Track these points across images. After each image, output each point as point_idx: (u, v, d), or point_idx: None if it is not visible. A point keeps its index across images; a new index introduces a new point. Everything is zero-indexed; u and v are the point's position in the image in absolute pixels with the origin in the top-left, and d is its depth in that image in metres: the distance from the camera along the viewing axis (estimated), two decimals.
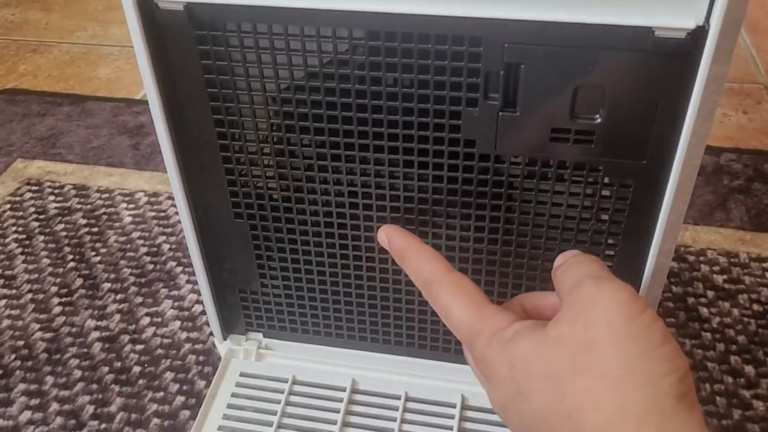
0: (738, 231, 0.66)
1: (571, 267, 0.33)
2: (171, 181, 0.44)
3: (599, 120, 0.36)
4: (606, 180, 0.39)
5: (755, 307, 0.58)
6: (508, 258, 0.44)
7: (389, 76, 0.37)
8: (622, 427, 0.25)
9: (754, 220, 0.67)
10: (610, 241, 0.42)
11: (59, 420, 0.52)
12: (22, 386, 0.54)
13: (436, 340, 0.49)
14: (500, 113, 0.37)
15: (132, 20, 0.38)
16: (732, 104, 0.84)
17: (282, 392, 0.50)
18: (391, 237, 0.37)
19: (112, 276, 0.64)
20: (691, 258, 0.63)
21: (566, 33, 0.33)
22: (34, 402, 0.53)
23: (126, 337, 0.58)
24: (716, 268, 0.62)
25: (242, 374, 0.51)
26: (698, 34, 0.32)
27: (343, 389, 0.50)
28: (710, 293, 0.60)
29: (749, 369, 0.53)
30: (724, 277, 0.61)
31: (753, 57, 0.93)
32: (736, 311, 0.58)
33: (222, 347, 0.53)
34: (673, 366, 0.27)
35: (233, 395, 0.50)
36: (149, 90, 0.40)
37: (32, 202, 0.73)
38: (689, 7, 0.32)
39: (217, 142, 0.42)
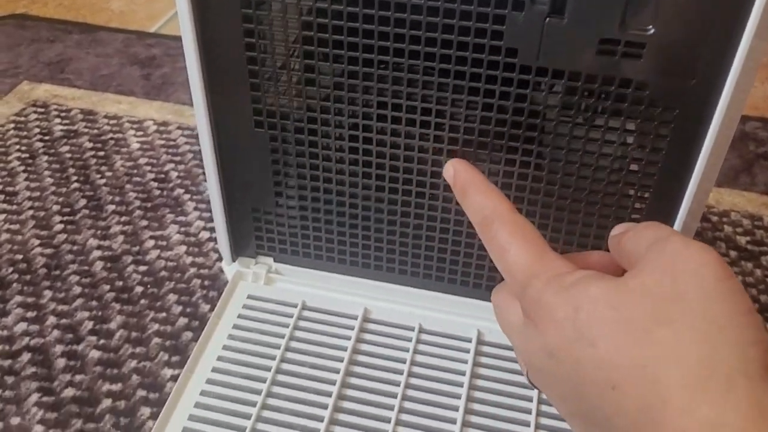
0: (762, 195, 0.64)
1: (647, 228, 0.31)
2: (191, 83, 0.42)
3: (652, 31, 0.34)
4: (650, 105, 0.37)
5: None
6: (539, 184, 0.42)
7: None
8: (709, 386, 0.23)
9: None
10: (649, 170, 0.40)
11: (56, 333, 0.50)
12: (18, 298, 0.53)
13: (454, 272, 0.47)
14: (547, 19, 0.35)
15: None
16: (759, 77, 0.82)
17: (291, 317, 0.48)
18: (458, 170, 0.35)
19: (117, 199, 0.62)
20: (714, 218, 0.61)
21: None
22: (30, 314, 0.51)
23: (129, 258, 0.56)
24: (739, 230, 0.60)
25: (250, 297, 0.49)
26: None
27: (355, 317, 0.48)
28: (733, 253, 0.58)
29: None
30: (747, 238, 0.60)
31: None
32: (758, 272, 0.56)
33: (230, 269, 0.51)
34: (760, 336, 0.25)
35: (240, 316, 0.48)
36: None
37: (37, 123, 0.71)
38: None
39: (244, 44, 0.40)
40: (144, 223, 0.59)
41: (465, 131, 0.41)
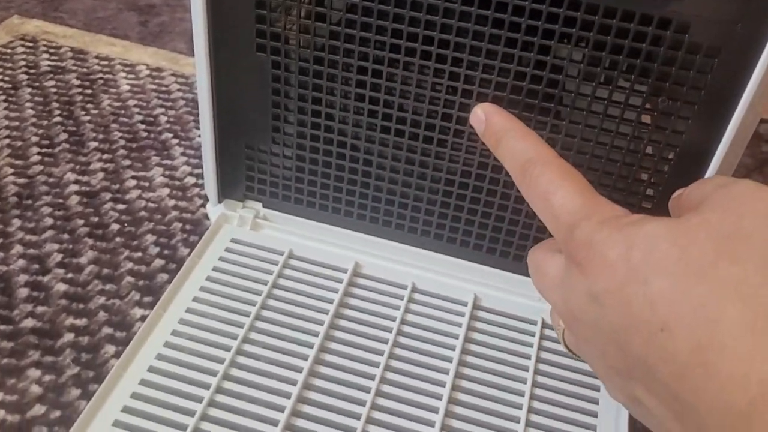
0: None
1: (714, 178, 0.28)
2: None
3: None
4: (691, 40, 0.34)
5: None
6: (561, 121, 0.39)
7: None
8: None
9: None
10: (678, 128, 0.37)
11: (21, 262, 0.46)
12: None
13: (455, 231, 0.44)
14: None
15: None
16: None
17: (276, 264, 0.44)
18: (489, 114, 0.32)
19: (101, 137, 0.58)
20: None
21: None
22: None
23: (107, 195, 0.52)
24: None
25: (233, 240, 0.46)
26: None
27: (345, 270, 0.45)
28: None
29: None
30: None
31: None
32: None
33: (214, 211, 0.48)
34: None
35: (221, 259, 0.44)
36: None
37: (24, 56, 0.67)
38: None
39: None
40: (127, 162, 0.56)
41: (481, 83, 0.38)
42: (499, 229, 0.43)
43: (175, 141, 0.59)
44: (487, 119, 0.32)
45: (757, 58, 0.33)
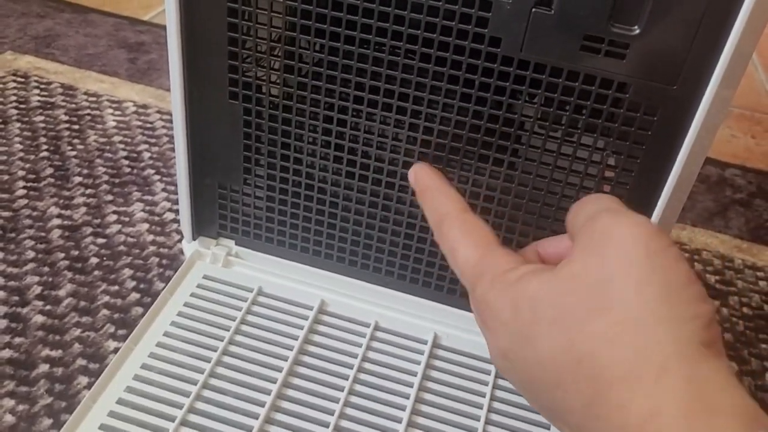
0: (735, 239, 0.64)
1: (586, 203, 0.30)
2: (169, 45, 0.41)
3: (637, 31, 0.34)
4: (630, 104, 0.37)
5: (745, 310, 0.56)
6: (511, 185, 0.41)
7: None
8: (642, 375, 0.22)
9: (753, 232, 0.65)
10: (621, 180, 0.39)
11: (1, 294, 0.48)
12: None
13: (416, 272, 0.46)
14: (533, 10, 0.35)
15: None
16: (741, 128, 0.82)
17: (245, 300, 0.46)
18: (418, 174, 0.36)
19: (85, 172, 0.60)
20: (686, 255, 0.61)
21: None
22: None
23: (89, 230, 0.54)
24: (710, 269, 0.60)
25: (206, 277, 0.48)
26: None
27: (310, 308, 0.46)
28: None
29: (732, 365, 0.51)
30: (717, 278, 0.59)
31: (767, 91, 0.92)
32: (725, 311, 0.56)
33: (189, 248, 0.49)
34: (698, 310, 0.24)
35: (193, 295, 0.46)
36: None
37: (15, 91, 0.69)
38: None
39: (227, 9, 0.39)
40: (109, 197, 0.58)
41: (439, 134, 0.40)
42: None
43: (156, 177, 0.61)
44: (417, 178, 0.36)
45: (692, 117, 0.36)
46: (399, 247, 0.46)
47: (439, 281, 0.46)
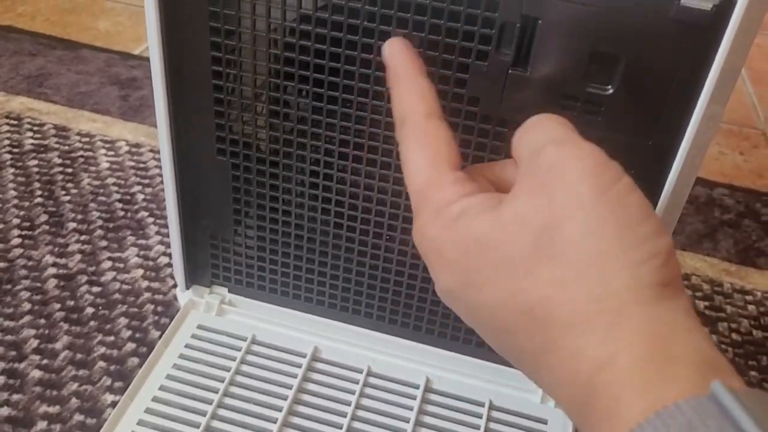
0: (724, 262, 0.64)
1: (530, 130, 0.27)
2: (156, 106, 0.42)
3: (610, 90, 0.35)
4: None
5: (734, 336, 0.57)
6: None
7: (400, 16, 0.35)
8: (596, 321, 0.21)
9: (741, 254, 0.65)
10: None
11: None
12: None
13: (407, 317, 0.47)
14: (510, 71, 0.35)
15: None
16: (729, 144, 0.83)
17: (239, 350, 0.47)
18: (393, 56, 0.30)
19: (80, 217, 0.61)
20: None
21: None
22: None
23: (84, 278, 0.55)
24: (699, 294, 0.60)
25: (200, 326, 0.48)
26: (724, 8, 0.31)
27: (304, 355, 0.47)
28: None
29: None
30: (706, 303, 0.60)
31: (754, 104, 0.93)
32: (714, 337, 0.56)
33: (183, 296, 0.50)
34: (654, 247, 0.22)
35: (187, 346, 0.47)
36: (148, 4, 0.38)
37: (8, 135, 0.70)
38: None
39: (211, 71, 0.40)
40: (103, 243, 0.59)
41: None
42: (448, 314, 0.46)
43: (150, 219, 0.61)
44: (390, 57, 0.30)
45: (669, 166, 0.36)
46: (389, 292, 0.46)
47: (429, 325, 0.47)
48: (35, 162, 0.67)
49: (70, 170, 0.66)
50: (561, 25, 0.33)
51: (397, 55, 0.30)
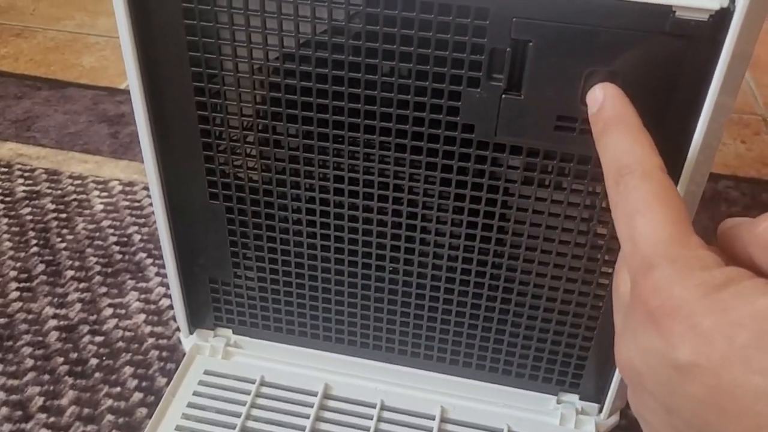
0: None
1: None
2: (144, 155, 0.41)
3: None
4: None
5: None
6: (501, 259, 0.41)
7: (386, 48, 0.34)
8: None
9: None
10: (612, 246, 0.39)
11: (4, 410, 0.48)
12: None
13: (417, 346, 0.46)
14: (503, 96, 0.34)
15: None
16: (730, 133, 0.82)
17: (248, 393, 0.46)
18: (608, 98, 0.29)
19: (77, 264, 0.60)
20: None
21: (579, 9, 0.31)
22: None
23: (85, 328, 0.54)
24: None
25: (207, 372, 0.47)
26: (722, 17, 0.30)
27: (315, 394, 0.46)
28: None
29: None
30: None
31: (752, 90, 0.91)
32: None
33: (187, 342, 0.49)
34: None
35: (195, 394, 0.46)
36: (125, 49, 0.37)
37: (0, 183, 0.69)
38: None
39: (196, 114, 0.39)
40: (103, 290, 0.58)
41: (424, 206, 0.40)
42: (459, 342, 0.45)
43: (149, 261, 0.60)
44: (603, 102, 0.29)
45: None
46: (396, 324, 0.45)
47: (440, 353, 0.46)
48: (28, 210, 0.66)
49: (64, 215, 0.65)
50: (553, 46, 0.32)
51: (617, 100, 0.29)
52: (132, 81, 0.38)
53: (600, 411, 0.45)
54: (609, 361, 0.43)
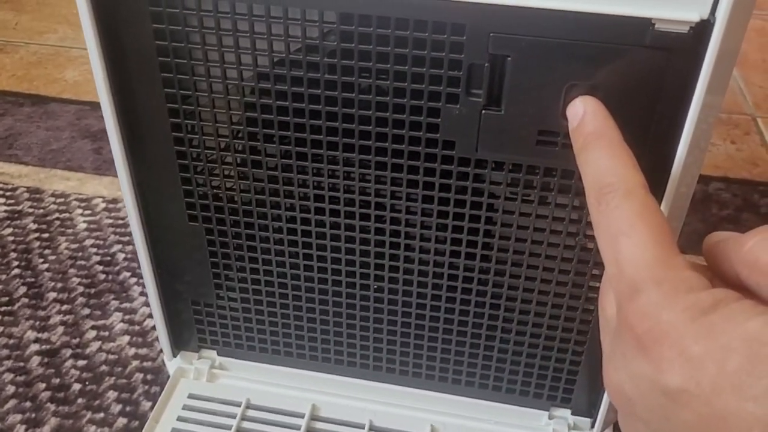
0: None
1: None
2: (119, 173, 0.40)
3: None
4: None
5: None
6: (487, 275, 0.40)
7: (362, 65, 0.33)
8: None
9: None
10: (599, 260, 0.38)
11: None
12: None
13: (405, 364, 0.45)
14: (483, 111, 0.33)
15: None
16: (720, 134, 0.81)
17: (234, 417, 0.45)
18: (588, 113, 0.28)
19: (59, 285, 0.59)
20: None
21: (557, 23, 0.30)
22: None
23: (68, 352, 0.53)
24: None
25: (191, 396, 0.46)
26: (702, 29, 0.29)
27: (302, 416, 0.45)
28: None
29: None
30: None
31: (741, 89, 0.91)
32: None
33: (171, 365, 0.48)
34: None
35: (179, 419, 0.45)
36: (96, 72, 0.36)
37: None
38: None
39: (171, 135, 0.38)
40: (86, 311, 0.57)
41: (407, 224, 0.39)
42: (447, 359, 0.44)
43: (133, 280, 0.59)
44: (583, 117, 0.28)
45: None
46: (384, 342, 0.44)
47: (428, 370, 0.45)
48: (10, 230, 0.65)
49: (46, 235, 0.64)
50: (532, 61, 0.31)
51: (597, 114, 0.28)
52: (104, 104, 0.37)
53: (592, 426, 0.45)
54: (600, 374, 0.42)
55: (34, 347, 0.54)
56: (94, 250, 0.63)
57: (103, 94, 0.37)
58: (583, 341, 0.41)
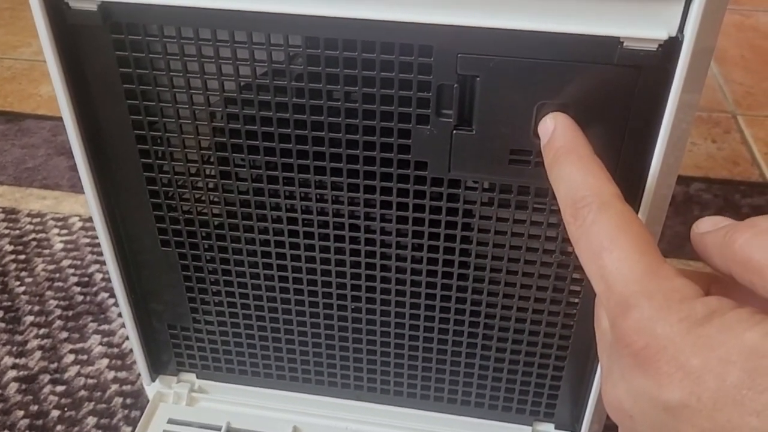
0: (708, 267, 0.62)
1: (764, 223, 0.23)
2: (88, 201, 0.39)
3: None
4: None
5: None
6: (465, 294, 0.39)
7: (330, 89, 0.33)
8: None
9: None
10: (576, 276, 0.38)
11: None
12: None
13: (386, 383, 0.45)
14: (454, 132, 0.33)
15: (40, 22, 0.33)
16: (700, 133, 0.81)
17: None
18: (559, 129, 0.28)
19: (36, 308, 0.58)
20: None
21: (526, 43, 0.30)
22: None
23: (46, 377, 0.52)
24: None
25: (170, 421, 0.46)
26: (671, 46, 0.29)
27: None
28: None
29: None
30: None
31: (720, 86, 0.91)
32: None
33: (150, 389, 0.48)
34: None
35: None
36: (61, 100, 0.36)
37: None
38: (661, 16, 0.29)
39: (139, 161, 0.37)
40: (64, 335, 0.56)
41: (383, 244, 0.38)
42: (428, 376, 0.44)
43: (111, 301, 0.59)
44: (555, 133, 0.28)
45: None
46: (363, 361, 0.44)
47: (410, 388, 0.45)
48: None
49: (22, 257, 0.63)
50: (501, 80, 0.31)
51: (566, 129, 0.28)
52: (70, 131, 0.37)
53: None
54: (583, 386, 0.42)
55: (12, 373, 0.53)
56: (72, 270, 0.62)
57: (68, 122, 0.36)
58: (563, 355, 0.41)
